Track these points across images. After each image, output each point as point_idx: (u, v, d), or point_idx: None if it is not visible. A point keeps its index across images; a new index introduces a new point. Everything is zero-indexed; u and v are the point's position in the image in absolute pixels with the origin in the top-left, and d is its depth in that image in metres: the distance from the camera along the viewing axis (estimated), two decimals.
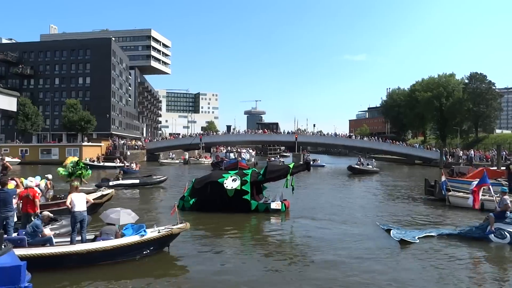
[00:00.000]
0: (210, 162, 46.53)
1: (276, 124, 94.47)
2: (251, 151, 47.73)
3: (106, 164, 42.89)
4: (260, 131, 65.01)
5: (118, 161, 43.90)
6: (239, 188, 14.03)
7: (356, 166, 36.07)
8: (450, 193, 16.65)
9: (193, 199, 14.49)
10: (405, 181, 29.04)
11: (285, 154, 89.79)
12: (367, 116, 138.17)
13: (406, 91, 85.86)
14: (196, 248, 9.60)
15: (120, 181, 22.30)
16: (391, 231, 10.66)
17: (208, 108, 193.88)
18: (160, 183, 23.51)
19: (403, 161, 55.64)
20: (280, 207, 14.47)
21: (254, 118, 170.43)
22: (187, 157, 52.93)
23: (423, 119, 75.28)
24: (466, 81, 66.05)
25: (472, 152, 47.48)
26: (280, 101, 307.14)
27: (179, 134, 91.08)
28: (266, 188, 16.21)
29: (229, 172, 15.16)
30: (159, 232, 8.77)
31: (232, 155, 41.19)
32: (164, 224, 9.78)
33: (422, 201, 18.19)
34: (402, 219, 13.46)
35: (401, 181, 29.04)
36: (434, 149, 54.50)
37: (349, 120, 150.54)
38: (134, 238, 8.43)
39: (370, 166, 37.34)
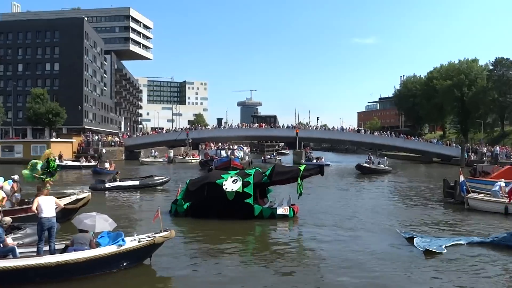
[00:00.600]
0: (198, 160, 46.48)
1: (274, 117, 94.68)
2: (245, 148, 47.67)
3: (71, 163, 41.53)
4: (256, 125, 65.10)
5: (85, 160, 43.29)
6: (240, 191, 13.95)
7: (366, 165, 36.31)
8: (469, 195, 16.76)
9: (187, 203, 14.46)
10: (421, 182, 29.21)
11: (283, 151, 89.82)
12: (378, 108, 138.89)
13: (423, 79, 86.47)
14: (185, 260, 9.53)
15: (118, 183, 22.51)
16: (414, 240, 10.58)
17: (196, 99, 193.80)
18: (162, 184, 23.62)
19: (419, 159, 56.06)
20: (287, 213, 14.40)
21: (248, 111, 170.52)
22: (171, 155, 52.86)
23: (442, 111, 75.78)
24: (491, 67, 66.59)
25: (498, 148, 47.97)
26: (278, 91, 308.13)
27: (163, 128, 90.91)
28: (272, 191, 16.12)
29: (229, 172, 15.14)
30: (139, 241, 8.70)
31: (223, 152, 41.05)
32: (146, 231, 9.71)
33: (441, 204, 18.30)
34: (416, 226, 13.52)
35: (417, 182, 29.21)
36: (454, 145, 55.06)
37: (358, 113, 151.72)
38: (111, 249, 8.34)
39: (382, 165, 37.65)
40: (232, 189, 14.00)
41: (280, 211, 14.37)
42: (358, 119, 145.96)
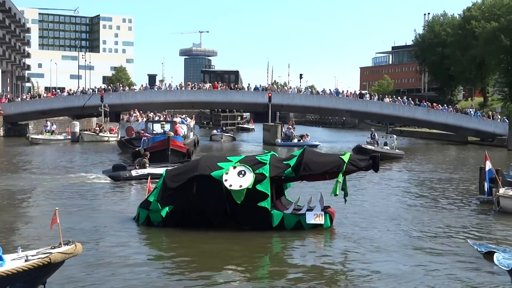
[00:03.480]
0: (117, 139, 45.96)
1: (236, 73, 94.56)
2: (188, 120, 47.11)
3: None
4: (208, 85, 64.65)
5: None
6: (251, 187, 13.73)
7: (368, 147, 36.83)
8: (501, 190, 17.53)
9: (166, 208, 14.24)
10: (448, 171, 30.25)
11: (247, 126, 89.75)
12: (390, 62, 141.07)
13: (456, 19, 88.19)
14: None
15: (149, 169, 23.85)
16: (495, 256, 11.13)
17: (116, 44, 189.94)
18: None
19: (450, 138, 57.66)
20: (322, 221, 14.31)
21: (197, 63, 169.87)
22: (77, 130, 52.04)
23: (483, 68, 77.53)
24: None
25: None
26: (242, 34, 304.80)
27: (64, 89, 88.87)
28: (290, 185, 15.95)
29: (230, 159, 14.93)
30: (27, 260, 8.69)
31: (157, 127, 40.52)
32: (39, 246, 9.71)
33: (473, 204, 19.22)
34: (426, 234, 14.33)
35: (441, 172, 30.26)
36: (499, 118, 56.54)
37: (361, 68, 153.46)
38: None
39: (387, 147, 38.33)
40: (241, 186, 13.69)
41: (311, 219, 14.19)
42: (361, 79, 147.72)
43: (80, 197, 19.88)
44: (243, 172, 13.90)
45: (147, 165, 24.36)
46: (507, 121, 51.91)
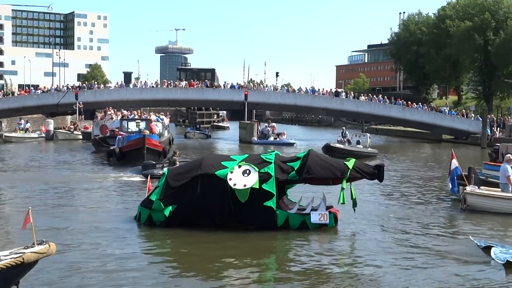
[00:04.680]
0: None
1: (212, 71, 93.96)
2: (163, 118, 46.94)
3: None
4: (184, 83, 64.43)
5: None
6: (257, 187, 13.77)
7: (337, 145, 36.69)
8: (468, 188, 17.65)
9: (169, 207, 14.15)
10: (421, 169, 30.68)
11: (222, 124, 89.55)
12: (366, 60, 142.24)
13: (431, 18, 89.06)
14: None
15: None
16: (492, 250, 11.92)
17: (91, 41, 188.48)
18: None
19: (424, 136, 58.41)
20: (327, 221, 14.35)
21: (173, 61, 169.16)
22: (51, 127, 51.69)
23: (457, 66, 78.42)
24: None
25: None
26: (219, 32, 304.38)
27: (37, 86, 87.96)
28: (292, 186, 15.89)
29: (234, 158, 14.95)
30: None
31: (132, 125, 40.22)
32: (12, 246, 9.69)
33: (444, 202, 19.47)
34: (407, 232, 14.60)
35: (414, 169, 30.66)
36: (473, 116, 57.26)
37: (337, 67, 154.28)
38: None
39: (360, 146, 38.01)
40: (245, 186, 13.70)
41: (315, 218, 14.22)
42: (337, 77, 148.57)
43: (76, 196, 19.92)
44: (248, 171, 13.89)
45: (177, 163, 23.89)
46: (480, 119, 52.43)
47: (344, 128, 44.98)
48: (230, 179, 13.77)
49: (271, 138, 49.35)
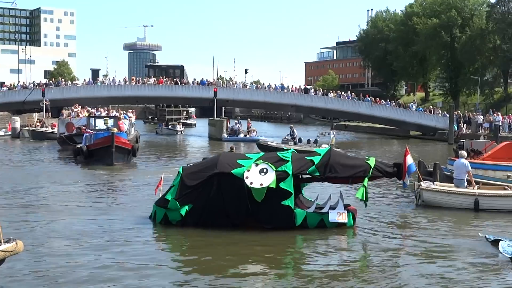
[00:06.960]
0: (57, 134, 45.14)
1: (181, 68, 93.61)
2: (130, 115, 46.50)
3: None
4: (153, 80, 64.15)
5: None
6: (274, 187, 13.68)
7: (268, 143, 36.40)
8: (423, 184, 17.65)
9: (186, 206, 14.06)
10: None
11: (189, 122, 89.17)
12: (335, 57, 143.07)
13: (398, 15, 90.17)
14: None
15: None
16: (500, 244, 12.25)
17: (58, 37, 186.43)
18: None
19: (392, 133, 58.97)
20: (345, 220, 14.31)
21: (141, 58, 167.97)
22: (18, 125, 51.00)
23: (424, 63, 79.49)
24: (492, 1, 69.69)
25: (499, 117, 48.67)
26: (187, 28, 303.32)
27: (3, 83, 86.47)
28: (306, 184, 15.87)
29: (250, 156, 14.86)
30: None
31: (100, 122, 39.73)
32: None
33: (401, 198, 19.69)
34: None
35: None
36: (440, 112, 58.15)
37: (306, 64, 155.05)
38: None
39: (309, 145, 36.29)
40: (261, 184, 13.61)
41: (333, 216, 14.18)
42: (306, 73, 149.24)
43: (43, 195, 19.49)
44: (265, 170, 13.81)
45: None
46: (447, 115, 53.17)
47: (292, 126, 44.60)
48: (247, 177, 13.70)
49: (241, 135, 49.51)
